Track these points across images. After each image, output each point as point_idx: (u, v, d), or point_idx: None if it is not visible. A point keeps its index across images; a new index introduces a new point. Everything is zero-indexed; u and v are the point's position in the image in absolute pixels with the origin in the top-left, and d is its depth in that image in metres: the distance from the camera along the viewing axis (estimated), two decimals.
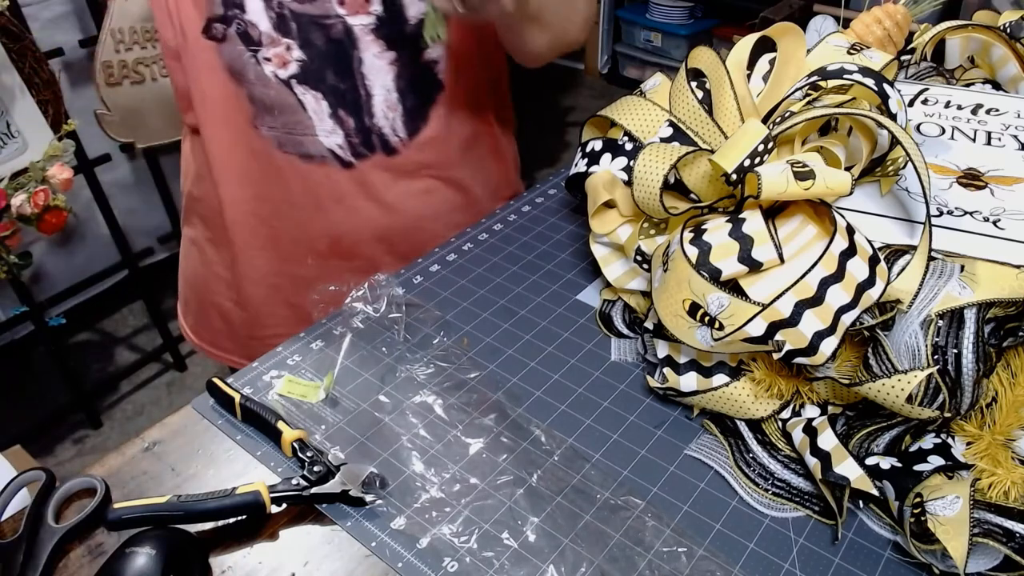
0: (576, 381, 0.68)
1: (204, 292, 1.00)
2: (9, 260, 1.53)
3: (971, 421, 0.55)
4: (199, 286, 1.00)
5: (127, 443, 0.63)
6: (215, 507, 0.54)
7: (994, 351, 0.55)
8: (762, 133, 0.56)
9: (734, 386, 0.60)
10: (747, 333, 0.53)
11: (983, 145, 0.68)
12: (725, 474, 0.59)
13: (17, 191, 1.48)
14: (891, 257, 0.57)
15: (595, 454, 0.61)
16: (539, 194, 0.94)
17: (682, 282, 0.56)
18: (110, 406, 2.04)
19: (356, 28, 0.78)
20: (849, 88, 0.64)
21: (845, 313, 0.53)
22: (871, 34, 0.79)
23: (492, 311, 0.75)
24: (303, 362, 0.70)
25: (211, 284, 0.98)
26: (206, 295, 1.00)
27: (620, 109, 0.73)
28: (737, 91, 0.67)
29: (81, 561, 0.54)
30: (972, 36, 0.83)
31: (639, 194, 0.62)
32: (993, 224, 0.58)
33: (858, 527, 0.56)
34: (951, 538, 0.48)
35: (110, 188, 1.86)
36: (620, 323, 0.73)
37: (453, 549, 0.53)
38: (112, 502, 0.56)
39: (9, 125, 1.48)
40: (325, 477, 0.57)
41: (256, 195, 0.87)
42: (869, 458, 0.55)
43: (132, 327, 2.27)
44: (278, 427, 0.60)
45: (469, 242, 0.86)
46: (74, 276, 1.99)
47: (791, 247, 0.56)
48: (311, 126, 0.83)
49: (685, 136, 0.68)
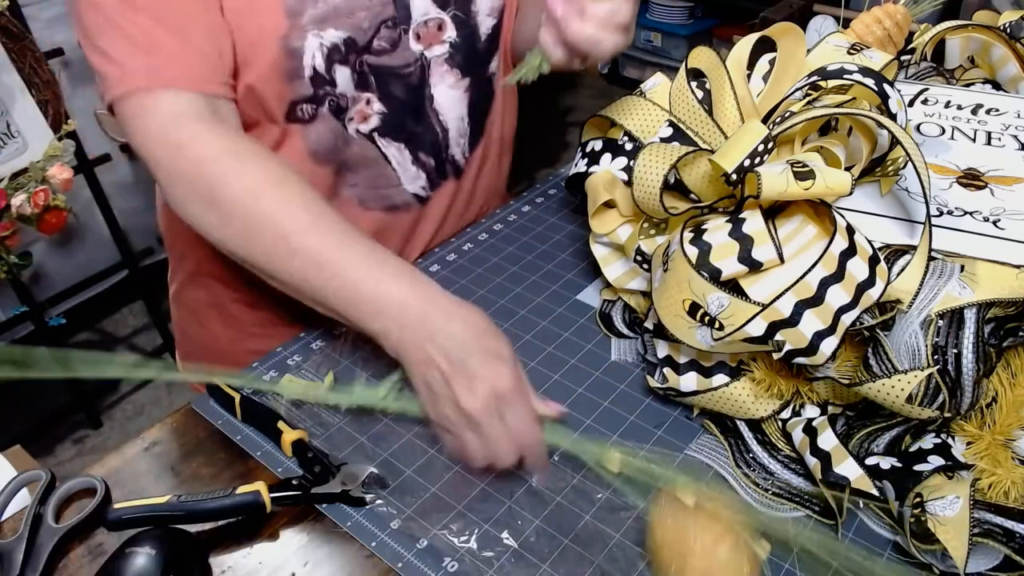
0: (576, 381, 0.68)
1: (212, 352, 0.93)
2: (9, 260, 1.53)
3: (971, 421, 0.55)
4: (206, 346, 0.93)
5: (127, 443, 0.63)
6: (215, 507, 0.54)
7: (994, 351, 0.55)
8: (762, 133, 0.56)
9: (734, 386, 0.60)
10: (747, 333, 0.53)
11: (983, 145, 0.68)
12: (725, 474, 0.59)
13: (17, 191, 1.48)
14: (891, 257, 0.57)
15: None
16: (539, 194, 0.94)
17: (682, 282, 0.56)
18: (110, 406, 2.03)
19: (432, 61, 0.76)
20: (849, 88, 0.64)
21: (845, 313, 0.53)
22: (871, 34, 0.79)
23: (492, 311, 0.75)
24: (303, 362, 0.70)
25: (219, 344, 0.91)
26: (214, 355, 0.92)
27: (620, 109, 0.73)
28: (737, 91, 0.67)
29: (81, 561, 0.54)
30: (972, 36, 0.83)
31: (639, 194, 0.62)
32: (993, 224, 0.58)
33: (858, 527, 0.56)
34: (951, 538, 0.48)
35: (110, 188, 1.86)
36: (620, 323, 0.73)
37: (453, 549, 0.53)
38: (112, 502, 0.56)
39: (9, 125, 1.48)
40: (325, 477, 0.57)
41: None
42: (869, 458, 0.55)
43: (132, 327, 2.27)
44: (278, 427, 0.60)
45: (469, 242, 0.86)
46: (74, 276, 1.99)
47: (791, 247, 0.56)
48: (396, 177, 0.80)
49: (685, 136, 0.68)
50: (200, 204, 0.62)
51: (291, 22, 0.66)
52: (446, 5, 0.74)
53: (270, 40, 0.66)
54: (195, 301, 0.91)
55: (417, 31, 0.73)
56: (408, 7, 0.72)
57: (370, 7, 0.70)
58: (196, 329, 0.93)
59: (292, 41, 0.67)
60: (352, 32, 0.70)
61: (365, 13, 0.70)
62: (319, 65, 0.69)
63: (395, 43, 0.73)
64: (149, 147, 0.63)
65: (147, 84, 0.62)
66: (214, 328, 0.91)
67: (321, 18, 0.67)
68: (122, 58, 0.62)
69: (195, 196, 0.62)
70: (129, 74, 0.62)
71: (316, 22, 0.67)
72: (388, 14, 0.71)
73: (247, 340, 0.89)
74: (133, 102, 0.63)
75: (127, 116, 0.63)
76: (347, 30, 0.69)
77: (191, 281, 0.90)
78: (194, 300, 0.91)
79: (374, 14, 0.71)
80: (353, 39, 0.70)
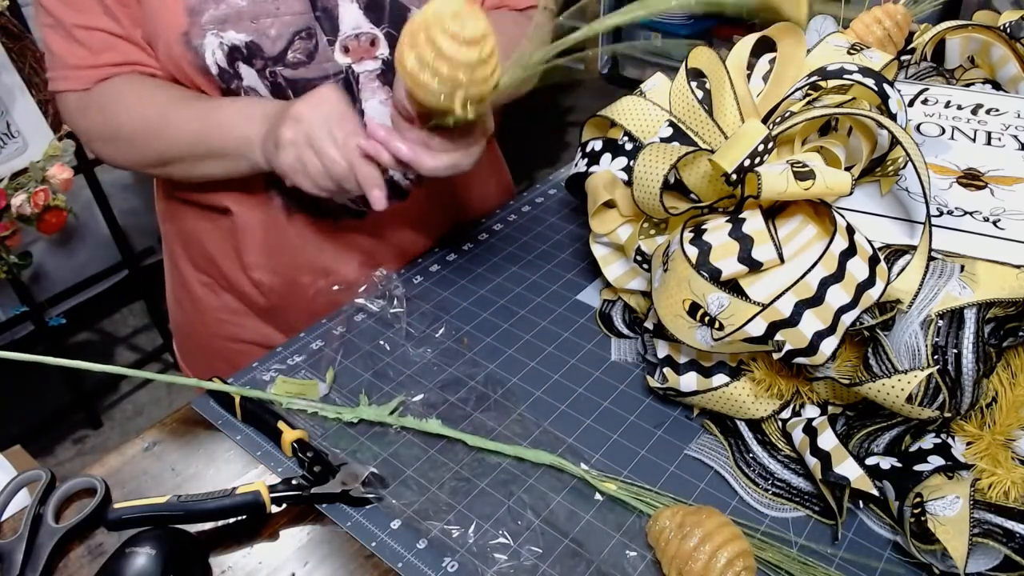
0: (576, 381, 0.68)
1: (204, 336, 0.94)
2: (9, 260, 1.53)
3: (971, 421, 0.55)
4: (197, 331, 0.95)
5: (127, 443, 0.63)
6: (215, 507, 0.54)
7: (994, 351, 0.55)
8: (762, 133, 0.56)
9: (734, 386, 0.60)
10: (747, 333, 0.53)
11: (983, 145, 0.68)
12: (725, 474, 0.59)
13: (17, 191, 1.49)
14: (891, 257, 0.57)
15: (595, 454, 0.61)
16: (539, 194, 0.94)
17: (682, 282, 0.56)
18: (110, 406, 2.03)
19: (362, 75, 0.75)
20: (849, 88, 0.64)
21: (845, 313, 0.53)
22: (871, 34, 0.79)
23: (492, 311, 0.75)
24: (303, 362, 0.70)
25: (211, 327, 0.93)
26: (206, 339, 0.94)
27: (620, 109, 0.73)
28: (737, 91, 0.67)
29: (81, 561, 0.54)
30: (972, 36, 0.82)
31: (639, 194, 0.62)
32: (993, 224, 0.58)
33: (858, 527, 0.56)
34: (951, 538, 0.48)
35: (110, 188, 1.86)
36: (620, 323, 0.73)
37: (453, 549, 0.53)
38: (112, 502, 0.56)
39: (9, 125, 1.48)
40: (325, 477, 0.57)
41: (272, 254, 0.84)
42: (869, 458, 0.55)
43: (132, 327, 2.27)
44: (278, 427, 0.60)
45: (469, 242, 0.86)
46: (74, 276, 1.99)
47: (791, 247, 0.56)
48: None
49: (685, 136, 0.68)
50: (105, 144, 0.78)
51: (191, 20, 0.69)
52: (379, 22, 0.74)
53: (173, 35, 0.70)
54: (186, 294, 0.92)
55: (345, 44, 0.73)
56: (336, 19, 0.72)
57: (277, 15, 0.70)
58: (192, 326, 0.94)
59: (192, 39, 0.70)
60: (255, 37, 0.70)
61: (272, 20, 0.70)
62: (221, 61, 0.71)
63: (311, 54, 0.73)
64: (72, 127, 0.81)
65: (54, 88, 0.77)
66: (201, 318, 0.92)
67: (221, 19, 0.69)
68: (49, 59, 0.76)
69: (101, 142, 0.78)
70: (51, 80, 0.76)
71: (216, 22, 0.69)
72: (302, 24, 0.71)
73: (233, 330, 0.90)
74: (58, 98, 0.78)
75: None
76: (249, 34, 0.70)
77: (176, 268, 0.91)
78: (185, 293, 0.92)
79: (284, 23, 0.71)
80: (257, 44, 0.71)
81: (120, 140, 0.76)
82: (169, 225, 0.90)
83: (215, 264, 0.86)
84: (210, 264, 0.87)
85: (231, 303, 0.89)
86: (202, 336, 0.93)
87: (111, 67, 0.74)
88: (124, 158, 0.78)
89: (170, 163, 0.75)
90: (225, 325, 0.91)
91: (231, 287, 0.88)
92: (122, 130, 0.75)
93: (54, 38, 0.73)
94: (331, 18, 0.72)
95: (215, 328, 0.91)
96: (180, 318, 0.96)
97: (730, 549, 0.48)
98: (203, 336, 0.93)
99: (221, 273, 0.87)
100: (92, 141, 0.79)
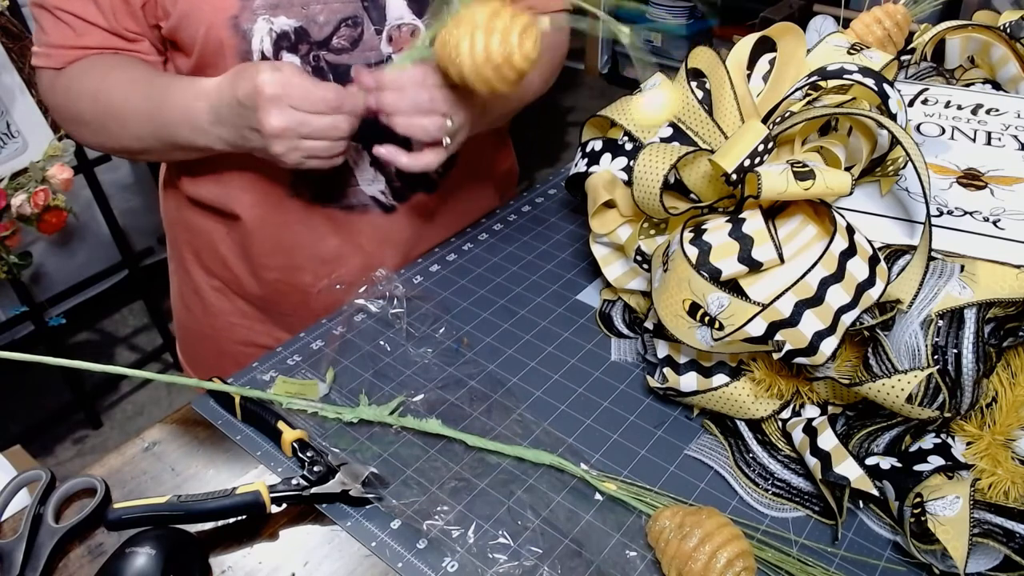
0: (576, 381, 0.68)
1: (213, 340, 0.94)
2: (9, 260, 1.53)
3: (971, 421, 0.55)
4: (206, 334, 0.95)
5: (127, 443, 0.63)
6: (215, 507, 0.54)
7: (994, 351, 0.55)
8: (762, 133, 0.56)
9: (734, 386, 0.60)
10: (747, 333, 0.53)
11: (983, 145, 0.68)
12: (725, 474, 0.59)
13: (17, 191, 1.49)
14: (891, 257, 0.57)
15: (595, 454, 0.61)
16: (539, 194, 0.94)
17: (682, 282, 0.56)
18: (110, 406, 2.03)
19: None
20: (849, 88, 0.64)
21: (845, 313, 0.53)
22: (871, 34, 0.79)
23: (492, 311, 0.75)
24: (303, 362, 0.70)
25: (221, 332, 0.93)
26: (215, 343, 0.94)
27: (620, 109, 0.73)
28: (737, 91, 0.67)
29: (81, 561, 0.54)
30: (972, 36, 0.82)
31: (639, 194, 0.62)
32: (993, 224, 0.58)
33: (858, 527, 0.56)
34: (951, 538, 0.48)
35: (110, 188, 1.86)
36: (620, 323, 0.73)
37: (453, 549, 0.53)
38: (112, 502, 0.56)
39: (9, 125, 1.48)
40: (325, 477, 0.57)
41: (289, 249, 0.84)
42: (869, 458, 0.55)
43: (132, 327, 2.27)
44: (278, 427, 0.60)
45: (469, 242, 0.86)
46: (74, 276, 1.99)
47: (791, 247, 0.56)
48: (352, 176, 0.80)
49: (685, 136, 0.68)
50: (70, 125, 0.79)
51: (242, 4, 0.70)
52: (421, 13, 0.75)
53: (221, 18, 0.70)
54: (196, 298, 0.91)
55: (390, 33, 0.74)
56: (383, 8, 0.73)
57: (327, 2, 0.72)
58: (201, 329, 0.94)
59: (242, 23, 0.70)
60: (304, 23, 0.72)
61: (321, 7, 0.71)
62: (267, 50, 0.72)
63: (355, 42, 0.74)
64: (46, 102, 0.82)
65: (35, 63, 0.77)
66: (211, 322, 0.92)
67: (273, 4, 0.70)
68: (36, 34, 0.77)
69: (67, 124, 0.79)
70: (34, 55, 0.77)
71: (268, 7, 0.70)
72: (349, 12, 0.72)
73: (245, 334, 0.90)
74: (36, 74, 0.79)
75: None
76: (299, 20, 0.71)
77: (187, 274, 0.91)
78: (191, 293, 0.91)
79: (332, 11, 0.72)
80: (305, 29, 0.72)
81: (82, 124, 0.77)
82: (179, 228, 0.90)
83: (228, 268, 0.87)
84: (223, 268, 0.87)
85: (243, 307, 0.90)
86: (212, 340, 0.93)
87: (90, 50, 0.74)
88: (94, 140, 0.80)
89: (140, 153, 0.77)
90: (237, 329, 0.91)
91: (243, 291, 0.88)
92: (83, 115, 0.76)
93: (41, 14, 0.75)
94: (378, 7, 0.73)
95: (226, 332, 0.91)
96: (187, 321, 0.95)
97: (730, 549, 0.48)
98: (213, 340, 0.93)
99: (233, 277, 0.87)
100: (61, 122, 0.80)
